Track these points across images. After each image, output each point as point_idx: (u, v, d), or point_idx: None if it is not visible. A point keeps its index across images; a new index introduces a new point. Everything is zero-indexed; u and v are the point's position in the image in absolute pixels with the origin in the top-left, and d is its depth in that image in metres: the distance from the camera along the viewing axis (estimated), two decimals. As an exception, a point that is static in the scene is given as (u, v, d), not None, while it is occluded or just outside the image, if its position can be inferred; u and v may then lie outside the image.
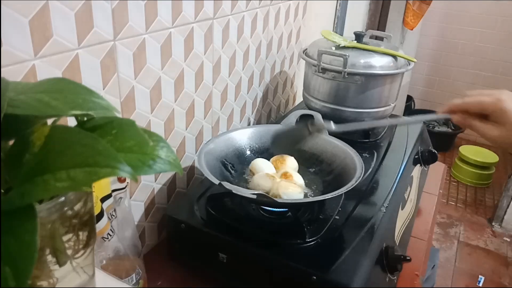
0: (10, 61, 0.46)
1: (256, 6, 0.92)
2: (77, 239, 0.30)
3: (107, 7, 0.56)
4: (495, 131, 0.58)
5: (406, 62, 0.99)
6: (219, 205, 0.73)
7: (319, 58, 0.95)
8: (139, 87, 0.66)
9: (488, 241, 2.19)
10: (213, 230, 0.67)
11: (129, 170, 0.24)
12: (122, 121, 0.29)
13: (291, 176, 0.73)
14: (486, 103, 0.59)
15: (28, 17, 0.47)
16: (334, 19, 1.48)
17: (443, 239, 2.19)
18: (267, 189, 0.69)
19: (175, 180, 0.82)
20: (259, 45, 0.99)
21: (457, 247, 2.14)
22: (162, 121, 0.73)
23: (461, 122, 0.63)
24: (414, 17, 2.25)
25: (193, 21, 0.74)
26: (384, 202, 0.75)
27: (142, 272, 0.64)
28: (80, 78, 0.56)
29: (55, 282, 0.29)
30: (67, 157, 0.25)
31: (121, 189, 0.60)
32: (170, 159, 0.28)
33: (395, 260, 0.69)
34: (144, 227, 0.77)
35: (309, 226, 0.68)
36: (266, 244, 0.64)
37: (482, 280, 1.92)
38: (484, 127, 0.60)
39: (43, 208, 0.27)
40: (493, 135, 0.59)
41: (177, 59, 0.72)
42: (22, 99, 0.26)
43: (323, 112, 0.96)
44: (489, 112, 0.59)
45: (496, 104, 0.58)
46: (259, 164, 0.76)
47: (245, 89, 0.99)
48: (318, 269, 0.59)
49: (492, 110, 0.58)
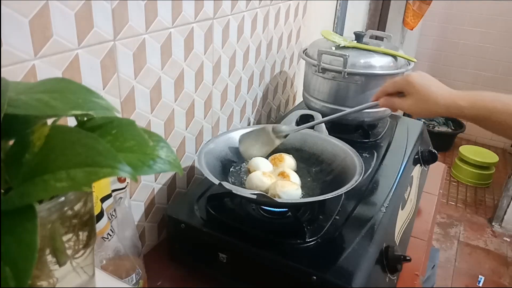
0: (10, 61, 0.46)
1: (256, 6, 0.92)
2: (77, 239, 0.30)
3: (107, 7, 0.56)
4: (408, 102, 0.68)
5: (406, 62, 0.99)
6: (219, 205, 0.73)
7: (319, 58, 0.95)
8: (139, 87, 0.66)
9: (488, 241, 2.19)
10: (213, 230, 0.67)
11: (129, 170, 0.24)
12: (122, 121, 0.29)
13: (288, 176, 0.73)
14: (398, 82, 0.70)
15: (28, 17, 0.47)
16: (334, 19, 1.48)
17: (443, 239, 2.19)
18: (264, 188, 0.69)
19: (175, 180, 0.82)
20: (259, 45, 0.99)
21: (457, 247, 2.14)
22: (162, 121, 0.73)
23: (385, 104, 0.72)
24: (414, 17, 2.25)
25: (193, 21, 0.74)
26: (384, 202, 0.75)
27: (142, 272, 0.64)
28: (80, 78, 0.56)
29: (55, 282, 0.29)
30: (67, 157, 0.25)
31: (121, 189, 0.60)
32: (170, 159, 0.28)
33: (395, 260, 0.69)
34: (144, 227, 0.77)
35: (309, 226, 0.68)
36: (266, 244, 0.64)
37: (482, 280, 1.92)
38: (400, 102, 0.69)
39: (43, 208, 0.27)
40: (407, 105, 0.68)
41: (177, 59, 0.72)
42: (22, 99, 0.26)
43: (323, 112, 0.96)
44: (402, 88, 0.69)
45: (405, 79, 0.68)
46: (257, 162, 0.76)
47: (245, 89, 0.99)
48: (318, 269, 0.59)
49: (403, 86, 0.69)
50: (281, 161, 0.78)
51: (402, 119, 1.14)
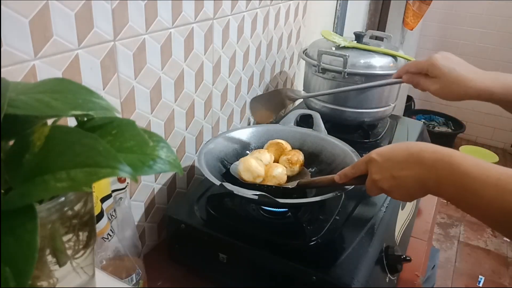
0: (10, 61, 0.46)
1: (256, 6, 0.92)
2: (77, 239, 0.30)
3: (107, 7, 0.56)
4: (435, 85, 0.66)
5: (406, 62, 0.99)
6: (219, 206, 0.73)
7: (319, 58, 0.95)
8: (139, 87, 0.66)
9: (488, 241, 2.19)
10: (213, 230, 0.67)
11: (129, 170, 0.24)
12: (122, 121, 0.29)
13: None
14: (421, 63, 0.69)
15: (28, 17, 0.47)
16: (334, 19, 1.48)
17: (443, 239, 2.19)
18: (258, 174, 0.70)
19: (175, 180, 0.82)
20: (259, 45, 0.99)
21: (457, 247, 2.14)
22: (162, 121, 0.73)
23: (410, 80, 0.72)
24: (414, 17, 2.25)
25: (193, 21, 0.74)
26: (384, 202, 0.75)
27: (142, 272, 0.64)
28: (80, 78, 0.56)
29: (55, 282, 0.29)
30: (67, 157, 0.25)
31: (121, 189, 0.60)
32: (170, 159, 0.28)
33: (395, 260, 0.69)
34: (144, 227, 0.77)
35: (309, 226, 0.68)
36: (266, 245, 0.64)
37: (482, 280, 1.92)
38: (427, 83, 0.68)
39: (43, 208, 0.27)
40: (434, 88, 0.67)
41: (177, 59, 0.72)
42: (22, 99, 0.26)
43: (323, 112, 0.96)
44: (425, 70, 0.68)
45: (428, 61, 0.67)
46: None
47: (245, 89, 0.99)
48: (318, 269, 0.59)
49: (426, 67, 0.67)
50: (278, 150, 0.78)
51: (402, 119, 1.14)
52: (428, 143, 0.54)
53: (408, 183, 0.52)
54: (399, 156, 0.53)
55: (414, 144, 0.54)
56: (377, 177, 0.55)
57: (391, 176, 0.53)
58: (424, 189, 0.51)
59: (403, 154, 0.53)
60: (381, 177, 0.54)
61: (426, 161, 0.50)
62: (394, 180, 0.53)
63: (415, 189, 0.52)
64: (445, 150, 0.51)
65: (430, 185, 0.50)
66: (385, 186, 0.54)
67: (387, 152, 0.55)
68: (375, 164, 0.55)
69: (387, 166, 0.54)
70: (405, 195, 0.54)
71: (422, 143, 0.54)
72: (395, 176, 0.53)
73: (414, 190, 0.52)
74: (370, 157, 0.56)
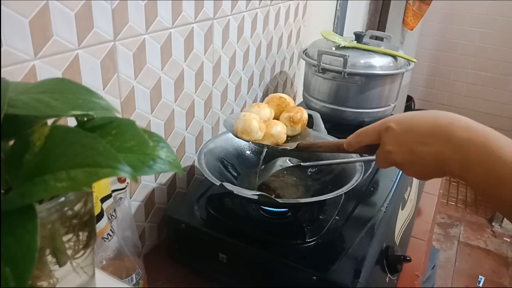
0: (10, 62, 0.46)
1: (256, 6, 0.92)
2: (77, 239, 0.30)
3: (107, 7, 0.56)
4: None
5: (406, 62, 0.99)
6: (219, 205, 0.73)
7: (319, 58, 0.95)
8: (139, 87, 0.66)
9: (488, 241, 2.19)
10: (213, 230, 0.67)
11: (129, 170, 0.24)
12: (122, 121, 0.29)
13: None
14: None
15: (28, 17, 0.47)
16: (334, 19, 1.48)
17: (443, 239, 2.19)
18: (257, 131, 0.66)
19: (175, 180, 0.82)
20: (259, 45, 0.99)
21: (457, 247, 2.14)
22: (162, 121, 0.73)
23: None
24: (414, 17, 2.25)
25: (193, 21, 0.74)
26: (384, 202, 0.75)
27: (142, 272, 0.64)
28: (80, 78, 0.56)
29: (55, 282, 0.29)
30: (67, 157, 0.25)
31: (121, 189, 0.60)
32: (170, 159, 0.28)
33: (395, 260, 0.69)
34: (144, 227, 0.77)
35: (309, 226, 0.68)
36: (266, 244, 0.64)
37: (482, 280, 1.92)
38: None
39: (43, 208, 0.27)
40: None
41: (177, 59, 0.72)
42: (22, 99, 0.26)
43: (323, 113, 0.96)
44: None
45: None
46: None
47: (245, 89, 0.99)
48: (318, 269, 0.59)
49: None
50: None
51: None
52: (458, 115, 0.45)
53: (427, 160, 0.45)
54: (423, 127, 0.45)
55: (443, 114, 0.46)
56: (392, 149, 0.48)
57: (410, 150, 0.46)
58: (444, 170, 0.45)
59: (429, 125, 0.45)
60: (397, 149, 0.47)
61: (455, 139, 0.43)
62: (411, 155, 0.46)
63: (433, 168, 0.45)
64: (479, 127, 0.43)
65: (453, 166, 0.43)
66: (399, 160, 0.48)
67: (407, 121, 0.47)
68: (392, 133, 0.48)
69: (405, 138, 0.47)
70: (420, 173, 0.48)
71: (452, 113, 0.46)
72: (414, 150, 0.46)
73: (432, 168, 0.45)
74: (387, 125, 0.48)
